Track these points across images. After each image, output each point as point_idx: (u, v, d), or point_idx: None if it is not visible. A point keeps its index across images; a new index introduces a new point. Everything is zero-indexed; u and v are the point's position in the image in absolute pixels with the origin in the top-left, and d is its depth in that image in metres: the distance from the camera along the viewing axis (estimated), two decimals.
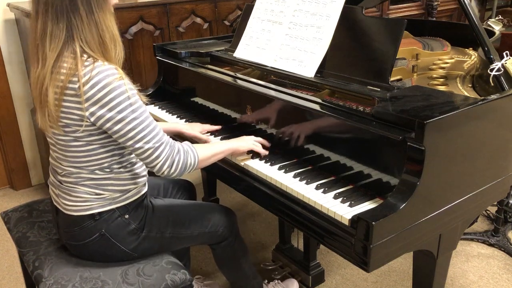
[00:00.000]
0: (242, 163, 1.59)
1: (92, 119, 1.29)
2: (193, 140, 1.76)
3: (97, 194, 1.40)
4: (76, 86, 1.26)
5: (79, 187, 1.40)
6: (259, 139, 1.64)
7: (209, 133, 1.82)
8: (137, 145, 1.32)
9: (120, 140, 1.33)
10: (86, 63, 1.27)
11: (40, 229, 1.62)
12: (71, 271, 1.43)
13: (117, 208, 1.43)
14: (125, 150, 1.42)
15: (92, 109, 1.27)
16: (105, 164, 1.39)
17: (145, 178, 1.52)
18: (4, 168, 3.07)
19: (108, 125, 1.29)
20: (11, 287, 2.21)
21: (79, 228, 1.42)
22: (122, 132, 1.30)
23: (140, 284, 1.39)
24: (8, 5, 2.76)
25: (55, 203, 1.48)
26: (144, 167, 1.51)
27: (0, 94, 2.86)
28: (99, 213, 1.41)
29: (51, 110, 1.30)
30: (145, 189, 1.53)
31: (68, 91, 1.28)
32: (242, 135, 1.67)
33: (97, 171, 1.39)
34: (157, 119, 2.01)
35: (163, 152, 1.36)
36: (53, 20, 1.26)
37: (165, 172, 1.38)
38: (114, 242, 1.44)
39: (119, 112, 1.28)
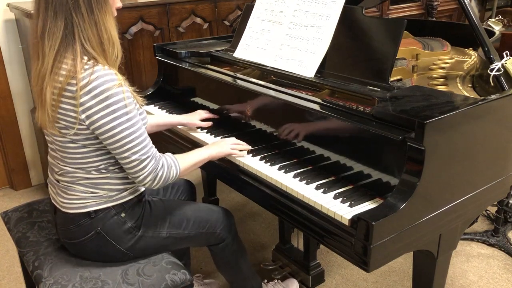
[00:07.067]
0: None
1: (86, 123, 1.30)
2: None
3: (93, 192, 1.41)
4: (74, 88, 1.27)
5: (75, 186, 1.41)
6: (238, 141, 1.65)
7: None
8: (124, 154, 1.33)
9: (109, 147, 1.34)
10: (86, 67, 1.27)
11: (40, 229, 1.62)
12: (71, 271, 1.43)
13: (113, 206, 1.43)
14: None
15: (87, 113, 1.28)
16: (102, 166, 1.40)
17: None
18: (4, 168, 3.07)
19: (100, 130, 1.30)
20: (11, 287, 2.21)
21: (76, 226, 1.43)
22: (112, 140, 1.31)
23: (140, 284, 1.39)
24: (8, 5, 2.76)
25: (53, 201, 1.49)
26: None
27: (0, 94, 2.86)
28: (95, 211, 1.42)
29: (48, 111, 1.31)
30: (143, 188, 1.53)
31: (65, 93, 1.28)
32: (240, 135, 1.67)
33: (93, 172, 1.40)
34: None
35: (147, 165, 1.36)
36: (52, 17, 1.27)
37: (147, 184, 1.39)
38: (110, 241, 1.44)
39: (114, 119, 1.28)
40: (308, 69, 1.69)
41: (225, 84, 1.85)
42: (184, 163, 1.48)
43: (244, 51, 1.97)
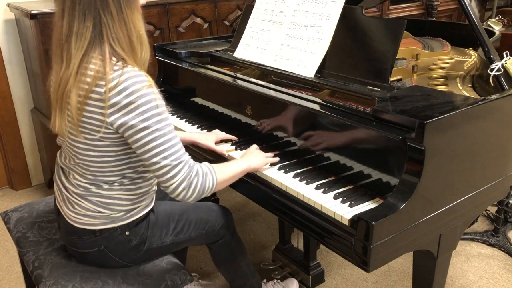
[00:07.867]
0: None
1: (114, 126, 1.23)
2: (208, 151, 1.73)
3: (100, 212, 1.36)
4: (103, 90, 1.20)
5: (84, 201, 1.36)
6: (267, 154, 1.58)
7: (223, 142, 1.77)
8: (154, 159, 1.24)
9: (138, 151, 1.26)
10: (116, 68, 1.21)
11: (40, 229, 1.62)
12: (71, 271, 1.43)
13: (119, 226, 1.39)
14: (138, 166, 1.36)
15: (115, 116, 1.21)
16: (115, 179, 1.34)
17: (152, 196, 1.48)
18: (4, 168, 3.07)
19: (129, 132, 1.22)
20: (11, 287, 2.21)
21: (79, 239, 1.41)
22: (141, 142, 1.23)
23: (140, 284, 1.39)
24: (8, 5, 2.76)
25: (58, 205, 1.47)
26: (154, 184, 1.46)
27: (0, 95, 2.86)
28: (100, 230, 1.38)
29: (73, 114, 1.24)
30: (151, 206, 1.48)
31: (93, 95, 1.22)
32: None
33: (105, 187, 1.35)
34: None
35: (180, 172, 1.26)
36: (80, 18, 1.20)
37: (181, 195, 1.28)
38: (113, 257, 1.42)
39: (144, 120, 1.21)
40: (308, 69, 1.69)
41: (225, 84, 1.85)
42: (221, 174, 1.38)
43: (244, 51, 1.97)
